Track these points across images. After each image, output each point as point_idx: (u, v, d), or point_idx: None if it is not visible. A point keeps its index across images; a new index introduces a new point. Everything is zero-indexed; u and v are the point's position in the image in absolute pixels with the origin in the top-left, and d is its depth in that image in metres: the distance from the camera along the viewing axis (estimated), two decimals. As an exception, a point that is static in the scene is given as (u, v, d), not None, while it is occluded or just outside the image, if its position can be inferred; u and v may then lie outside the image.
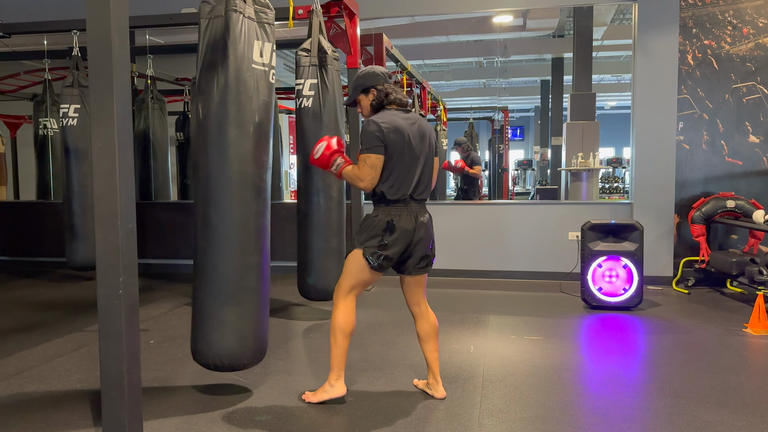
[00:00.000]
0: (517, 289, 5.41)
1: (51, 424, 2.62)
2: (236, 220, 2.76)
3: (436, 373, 2.90)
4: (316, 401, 2.78)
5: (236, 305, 2.74)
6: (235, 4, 2.78)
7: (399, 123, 2.66)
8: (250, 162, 2.81)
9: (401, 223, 2.66)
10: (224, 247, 2.73)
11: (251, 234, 2.79)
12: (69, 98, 5.18)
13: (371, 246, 2.66)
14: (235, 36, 2.76)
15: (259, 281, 2.82)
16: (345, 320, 2.71)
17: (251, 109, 2.79)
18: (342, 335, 2.71)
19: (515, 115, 21.28)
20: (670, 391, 2.96)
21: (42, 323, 4.33)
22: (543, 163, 14.37)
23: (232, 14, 2.77)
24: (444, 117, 10.39)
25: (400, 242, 2.66)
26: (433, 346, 2.88)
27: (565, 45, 12.01)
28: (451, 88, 16.62)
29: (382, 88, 2.75)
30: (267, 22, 2.93)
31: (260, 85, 2.84)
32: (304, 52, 4.10)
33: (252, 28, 2.85)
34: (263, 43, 2.88)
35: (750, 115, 5.50)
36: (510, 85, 16.80)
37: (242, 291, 2.75)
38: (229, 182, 2.76)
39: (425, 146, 2.75)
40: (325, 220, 4.18)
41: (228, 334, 2.73)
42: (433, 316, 2.90)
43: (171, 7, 5.28)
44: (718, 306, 4.73)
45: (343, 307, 2.73)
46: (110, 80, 2.19)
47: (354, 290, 2.74)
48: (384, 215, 2.68)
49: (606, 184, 11.87)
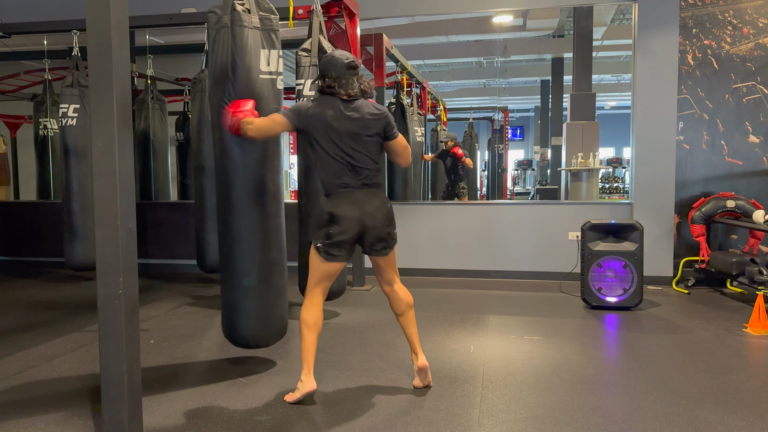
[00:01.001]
0: (517, 289, 5.41)
1: (51, 424, 2.62)
2: (253, 222, 3.02)
3: (416, 346, 2.96)
4: (292, 400, 2.79)
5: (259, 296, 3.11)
6: (241, 19, 2.89)
7: (327, 113, 2.73)
8: (264, 168, 3.03)
9: (343, 212, 2.72)
10: (243, 246, 3.03)
11: (267, 233, 3.07)
12: (69, 98, 5.18)
13: (320, 238, 2.75)
14: (242, 49, 2.90)
15: (276, 273, 3.14)
16: (308, 314, 2.77)
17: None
18: (306, 329, 2.76)
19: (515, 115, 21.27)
20: (670, 391, 2.96)
21: (42, 323, 4.33)
22: (543, 163, 14.36)
23: (237, 29, 2.88)
24: (444, 117, 10.39)
25: (346, 232, 2.72)
26: (410, 320, 2.96)
27: (565, 45, 12.00)
28: (451, 88, 16.61)
29: (329, 80, 2.78)
30: (272, 29, 3.02)
31: (269, 93, 2.97)
32: (305, 52, 4.11)
33: (258, 37, 2.96)
34: (269, 51, 3.00)
35: (750, 115, 5.50)
36: (510, 85, 16.79)
37: (263, 283, 3.09)
38: (245, 188, 3.00)
39: (363, 135, 2.77)
40: None
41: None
42: (406, 292, 2.97)
43: (171, 7, 5.29)
44: (718, 306, 4.73)
45: (307, 301, 2.81)
46: (110, 80, 2.19)
47: (319, 285, 2.80)
48: (326, 207, 2.77)
49: (606, 184, 11.86)
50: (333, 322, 4.32)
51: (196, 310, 4.73)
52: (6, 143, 9.21)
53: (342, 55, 2.82)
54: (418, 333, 3.00)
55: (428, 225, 6.03)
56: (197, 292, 5.39)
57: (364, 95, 2.83)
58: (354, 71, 2.81)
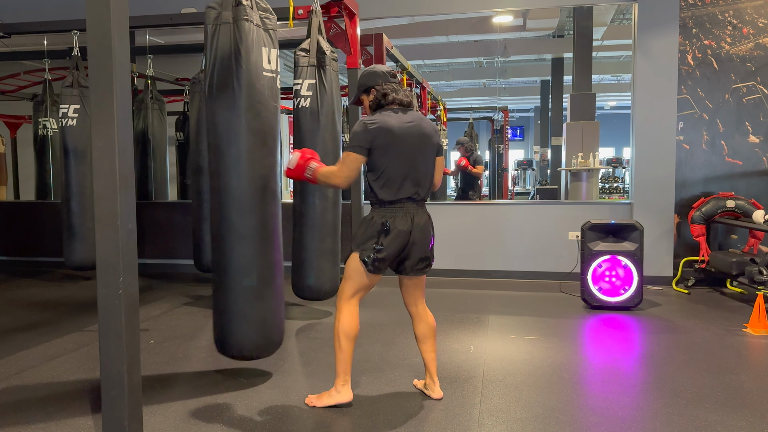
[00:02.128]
0: (517, 289, 5.41)
1: (51, 424, 2.62)
2: (256, 222, 2.92)
3: (433, 373, 2.89)
4: (321, 405, 2.75)
5: (260, 300, 2.94)
6: (245, 13, 2.83)
7: (391, 123, 2.64)
8: (266, 167, 2.96)
9: (396, 224, 2.64)
10: (245, 247, 2.90)
11: (269, 234, 2.96)
12: (69, 98, 5.18)
13: (367, 248, 2.64)
14: (248, 45, 2.85)
15: (276, 276, 3.01)
16: (348, 324, 2.68)
17: (265, 116, 2.92)
18: (346, 340, 2.68)
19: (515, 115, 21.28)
20: (670, 391, 2.96)
21: (42, 323, 4.33)
22: (543, 163, 14.37)
23: (243, 23, 2.83)
24: (444, 117, 10.39)
25: (395, 244, 2.65)
26: (430, 347, 2.87)
27: (565, 45, 12.01)
28: (451, 88, 16.61)
29: (381, 89, 2.73)
30: (271, 28, 3.00)
31: (271, 91, 2.93)
32: (303, 52, 4.11)
33: (260, 35, 2.92)
34: (270, 50, 2.96)
35: (750, 115, 5.50)
36: (510, 85, 16.80)
37: (263, 287, 2.94)
38: (247, 187, 2.92)
39: (424, 146, 2.71)
40: (321, 220, 4.19)
41: (252, 326, 2.94)
42: (431, 317, 2.89)
43: (171, 7, 5.28)
44: (718, 306, 4.73)
45: (346, 311, 2.70)
46: (110, 80, 2.19)
47: (356, 294, 2.72)
48: (379, 217, 2.66)
49: (606, 184, 11.86)
50: (325, 321, 4.31)
51: (195, 309, 4.73)
52: (5, 143, 9.21)
53: (382, 66, 2.82)
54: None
55: (428, 225, 6.02)
56: (197, 292, 5.40)
57: (412, 107, 2.78)
58: (396, 80, 2.79)
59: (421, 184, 2.71)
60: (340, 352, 2.69)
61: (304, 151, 2.80)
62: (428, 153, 2.74)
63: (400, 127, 2.65)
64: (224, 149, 2.91)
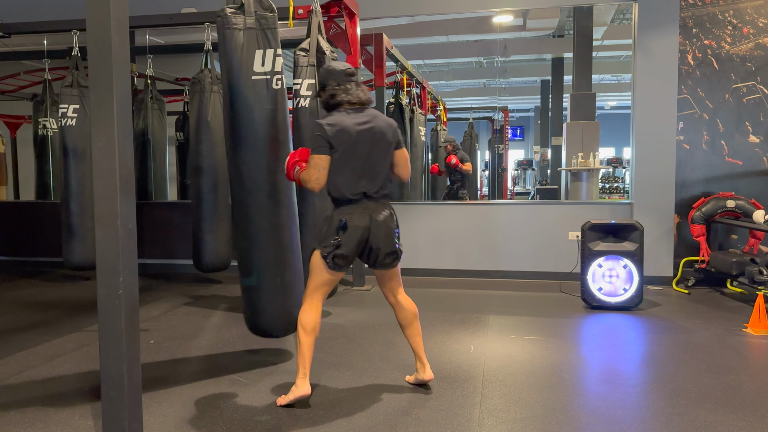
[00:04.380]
0: (517, 289, 5.41)
1: (51, 424, 2.62)
2: (239, 221, 2.97)
3: (422, 357, 2.97)
4: (284, 403, 2.77)
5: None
6: (228, 23, 2.86)
7: (345, 123, 2.70)
8: (259, 168, 3.00)
9: (354, 221, 2.71)
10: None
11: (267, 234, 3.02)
12: (68, 98, 5.18)
13: (327, 245, 2.71)
14: (230, 51, 2.88)
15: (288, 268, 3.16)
16: (306, 318, 2.75)
17: (251, 118, 2.93)
18: (304, 333, 2.74)
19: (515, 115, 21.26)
20: (670, 391, 2.96)
21: (42, 323, 4.33)
22: (543, 163, 14.35)
23: (225, 32, 2.86)
24: (444, 117, 10.40)
25: (353, 240, 2.71)
26: (415, 331, 2.96)
27: (565, 45, 11.99)
28: (451, 88, 16.60)
29: (331, 89, 2.77)
30: (269, 27, 2.96)
31: (262, 95, 2.91)
32: (303, 52, 4.11)
33: (252, 37, 2.90)
34: (264, 51, 2.91)
35: (750, 115, 5.50)
36: (510, 85, 16.78)
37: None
38: (240, 187, 2.98)
39: (378, 144, 2.77)
40: (319, 219, 4.19)
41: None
42: (411, 302, 2.97)
43: (171, 7, 5.28)
44: (718, 306, 4.73)
45: (307, 306, 2.78)
46: (110, 80, 2.19)
47: (319, 290, 2.78)
48: (337, 215, 2.74)
49: (606, 184, 11.85)
50: (332, 322, 4.32)
51: (195, 309, 4.73)
52: (5, 143, 9.21)
53: (339, 64, 2.84)
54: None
55: (428, 225, 6.03)
56: (196, 292, 5.39)
57: (369, 104, 2.83)
58: (353, 78, 2.81)
59: (376, 181, 2.78)
60: (298, 345, 2.76)
61: (293, 154, 2.83)
62: (383, 150, 2.80)
63: (354, 128, 2.71)
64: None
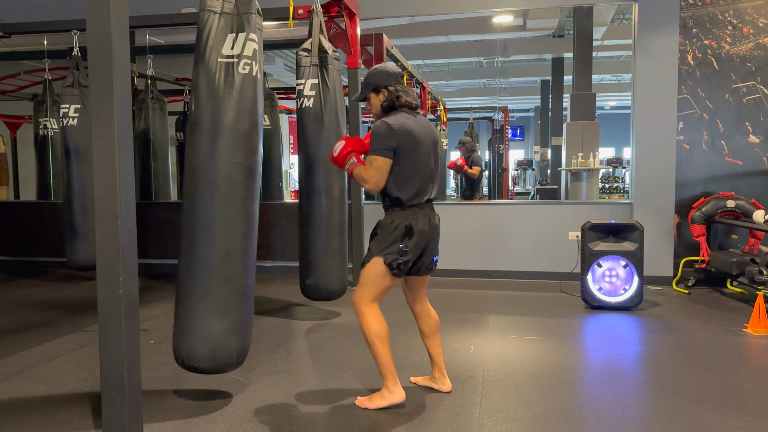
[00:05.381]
0: (517, 289, 5.41)
1: (51, 424, 2.62)
2: (195, 219, 2.65)
3: (441, 367, 2.95)
4: (373, 407, 2.74)
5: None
6: (205, 5, 2.67)
7: (411, 126, 2.65)
8: (207, 157, 2.66)
9: (419, 226, 2.66)
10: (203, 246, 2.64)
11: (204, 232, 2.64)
12: (69, 98, 5.17)
13: (392, 252, 2.64)
14: (202, 33, 2.65)
15: (244, 285, 2.74)
16: (378, 327, 2.69)
17: (209, 104, 2.66)
18: (380, 342, 2.68)
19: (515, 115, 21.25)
20: (670, 391, 2.96)
21: (42, 323, 4.33)
22: (543, 163, 14.35)
23: (203, 14, 2.68)
24: (444, 117, 10.39)
25: (419, 246, 2.67)
26: (436, 341, 2.93)
27: (565, 45, 11.99)
28: (451, 88, 16.60)
29: (394, 90, 2.73)
30: (248, 12, 2.78)
31: (226, 78, 2.67)
32: (305, 52, 4.10)
33: (227, 22, 2.68)
34: (237, 35, 2.69)
35: (750, 115, 5.50)
36: (510, 85, 16.78)
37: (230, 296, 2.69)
38: (191, 180, 2.68)
39: (435, 149, 2.77)
40: (327, 220, 4.18)
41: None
42: (434, 312, 2.96)
43: (171, 7, 5.28)
44: (718, 306, 4.73)
45: (371, 315, 2.70)
46: (110, 80, 2.19)
47: (378, 298, 2.73)
48: (401, 220, 2.66)
49: (606, 184, 11.85)
50: (333, 322, 4.32)
51: (196, 310, 4.73)
52: (6, 143, 9.22)
53: (391, 66, 2.81)
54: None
55: (428, 225, 6.02)
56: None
57: (419, 110, 2.81)
58: (402, 82, 2.80)
59: (435, 186, 2.77)
60: (378, 355, 2.69)
61: (348, 142, 2.76)
62: (437, 156, 2.80)
63: (418, 130, 2.68)
64: (190, 140, 2.72)
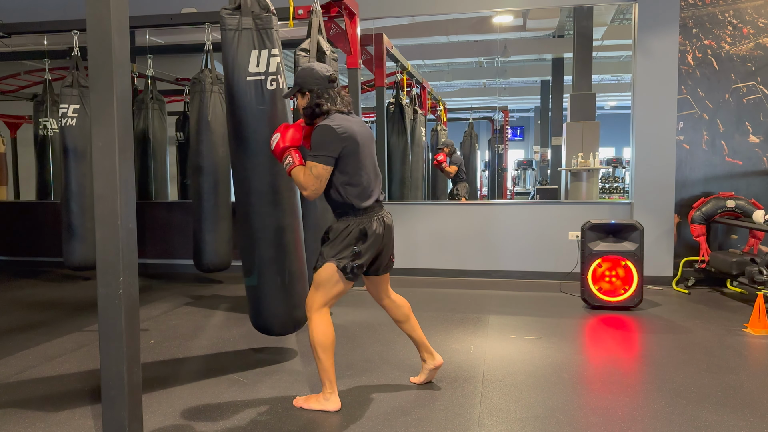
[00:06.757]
0: (517, 289, 5.41)
1: (51, 424, 2.62)
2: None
3: (427, 345, 2.97)
4: (308, 408, 2.74)
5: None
6: (224, 24, 2.87)
7: (354, 129, 2.62)
8: (255, 169, 3.01)
9: (374, 229, 2.66)
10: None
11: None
12: (69, 98, 5.17)
13: (345, 257, 2.62)
14: (225, 52, 2.94)
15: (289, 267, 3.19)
16: (324, 335, 2.65)
17: (246, 120, 2.95)
18: (323, 351, 2.65)
19: (515, 115, 21.25)
20: (670, 391, 2.96)
21: (42, 323, 4.33)
22: (543, 163, 14.35)
23: (224, 33, 2.88)
24: (444, 117, 10.40)
25: (373, 248, 2.68)
26: (414, 324, 2.96)
27: (565, 45, 11.99)
28: (451, 88, 16.59)
29: (316, 96, 2.64)
30: (265, 27, 2.95)
31: (255, 95, 2.93)
32: (303, 52, 4.10)
33: (249, 38, 2.91)
34: (260, 52, 2.92)
35: (750, 115, 5.50)
36: (510, 85, 16.78)
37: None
38: (239, 188, 2.99)
39: (373, 148, 2.77)
40: (322, 220, 4.19)
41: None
42: (402, 299, 2.98)
43: (171, 7, 5.29)
44: (718, 306, 4.73)
45: (319, 321, 2.67)
46: (110, 80, 2.19)
47: (329, 303, 2.71)
48: (355, 224, 2.64)
49: (606, 184, 11.85)
50: (333, 322, 4.31)
51: (195, 309, 4.73)
52: (6, 143, 9.22)
53: (321, 67, 2.69)
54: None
55: (427, 225, 6.03)
56: (196, 292, 5.39)
57: (350, 112, 2.73)
58: (333, 85, 2.69)
59: (380, 186, 2.78)
60: (319, 362, 2.67)
61: (282, 135, 2.65)
62: (375, 155, 2.80)
63: (359, 131, 2.66)
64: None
